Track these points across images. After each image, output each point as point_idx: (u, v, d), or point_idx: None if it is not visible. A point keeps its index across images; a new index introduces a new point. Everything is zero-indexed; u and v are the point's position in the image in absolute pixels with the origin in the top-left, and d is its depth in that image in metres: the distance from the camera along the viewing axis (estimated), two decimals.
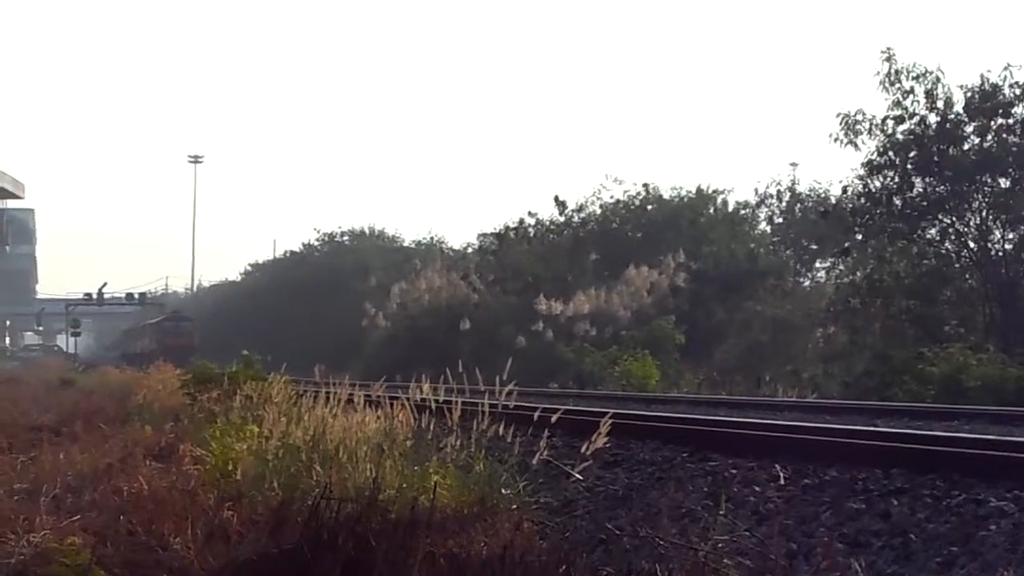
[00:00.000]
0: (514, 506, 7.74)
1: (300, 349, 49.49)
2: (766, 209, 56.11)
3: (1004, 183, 31.05)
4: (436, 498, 7.25)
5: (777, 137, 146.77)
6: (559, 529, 7.67)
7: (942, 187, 31.49)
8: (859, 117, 32.12)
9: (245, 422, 10.65)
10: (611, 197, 52.34)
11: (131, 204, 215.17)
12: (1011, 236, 31.32)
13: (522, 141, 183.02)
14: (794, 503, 7.36)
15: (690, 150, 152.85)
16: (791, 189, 55.38)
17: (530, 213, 52.71)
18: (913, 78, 31.29)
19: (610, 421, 7.88)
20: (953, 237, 32.19)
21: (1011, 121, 30.48)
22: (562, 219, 52.51)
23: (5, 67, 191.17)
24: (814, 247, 52.83)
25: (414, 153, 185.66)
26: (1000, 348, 26.83)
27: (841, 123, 32.24)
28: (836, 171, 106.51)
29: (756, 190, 56.12)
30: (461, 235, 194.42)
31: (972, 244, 31.78)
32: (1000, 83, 30.47)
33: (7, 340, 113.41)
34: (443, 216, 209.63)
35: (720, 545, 6.47)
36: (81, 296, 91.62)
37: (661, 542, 6.77)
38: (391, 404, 9.38)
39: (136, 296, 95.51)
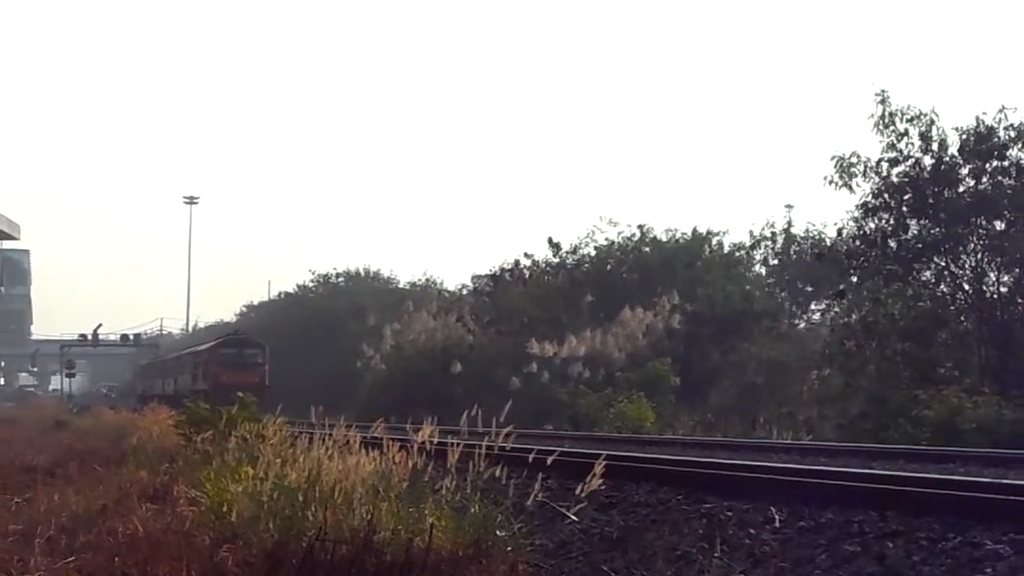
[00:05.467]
0: (509, 548, 7.71)
1: (295, 390, 49.34)
2: (761, 251, 56.04)
3: (999, 225, 31.01)
4: (431, 540, 7.24)
5: (772, 179, 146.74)
6: (554, 571, 7.65)
7: (937, 229, 31.48)
8: (854, 159, 32.17)
9: (240, 463, 10.63)
10: (606, 239, 52.60)
11: (126, 245, 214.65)
12: (1006, 279, 31.28)
13: (517, 183, 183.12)
14: (789, 546, 7.35)
15: (685, 192, 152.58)
16: (786, 231, 55.34)
17: (525, 254, 52.85)
18: (907, 120, 31.34)
19: (605, 463, 7.89)
20: (948, 279, 32.15)
21: (1006, 163, 30.46)
22: (557, 261, 52.61)
23: (0, 109, 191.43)
24: (809, 289, 52.80)
25: (409, 195, 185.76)
26: (995, 391, 26.76)
27: (836, 165, 32.29)
28: (831, 213, 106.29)
29: (751, 232, 56.03)
30: (456, 276, 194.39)
31: (967, 286, 31.75)
32: (995, 125, 30.46)
33: (1, 380, 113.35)
34: (438, 257, 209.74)
35: None
36: (76, 337, 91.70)
37: None
38: (387, 445, 9.37)
39: (131, 337, 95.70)
